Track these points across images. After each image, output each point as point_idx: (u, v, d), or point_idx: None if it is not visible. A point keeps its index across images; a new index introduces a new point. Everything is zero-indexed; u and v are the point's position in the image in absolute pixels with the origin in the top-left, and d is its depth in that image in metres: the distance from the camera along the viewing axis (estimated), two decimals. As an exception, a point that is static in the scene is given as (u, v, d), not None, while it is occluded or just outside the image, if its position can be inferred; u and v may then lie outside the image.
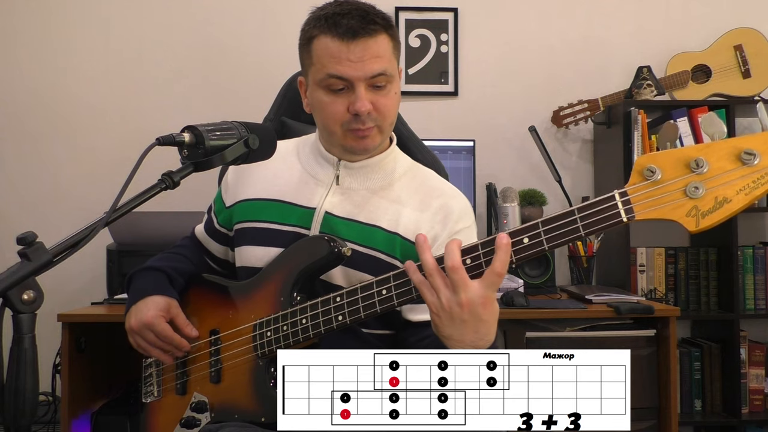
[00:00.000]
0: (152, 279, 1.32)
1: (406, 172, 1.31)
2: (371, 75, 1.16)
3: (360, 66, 1.15)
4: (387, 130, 1.24)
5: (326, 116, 1.21)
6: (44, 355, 1.84)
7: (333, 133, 1.22)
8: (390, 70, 1.19)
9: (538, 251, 0.96)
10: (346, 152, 1.25)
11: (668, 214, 0.89)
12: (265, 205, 1.29)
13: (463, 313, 0.94)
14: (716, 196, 0.87)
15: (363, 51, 1.15)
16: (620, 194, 0.92)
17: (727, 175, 0.87)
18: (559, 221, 0.95)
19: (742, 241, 2.54)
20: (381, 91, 1.19)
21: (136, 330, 1.26)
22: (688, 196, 0.88)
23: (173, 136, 0.97)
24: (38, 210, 2.70)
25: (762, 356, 2.56)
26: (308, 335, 1.14)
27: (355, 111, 1.16)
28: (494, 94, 2.80)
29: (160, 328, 1.24)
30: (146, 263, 1.37)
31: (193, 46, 2.77)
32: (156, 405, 1.35)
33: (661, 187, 0.89)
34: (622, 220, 0.92)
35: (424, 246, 0.97)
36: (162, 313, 1.25)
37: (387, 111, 1.20)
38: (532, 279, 2.39)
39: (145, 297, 1.28)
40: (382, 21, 1.19)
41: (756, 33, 2.71)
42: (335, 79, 1.17)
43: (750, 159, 0.86)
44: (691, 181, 0.88)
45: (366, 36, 1.15)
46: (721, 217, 0.87)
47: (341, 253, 1.15)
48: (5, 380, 0.81)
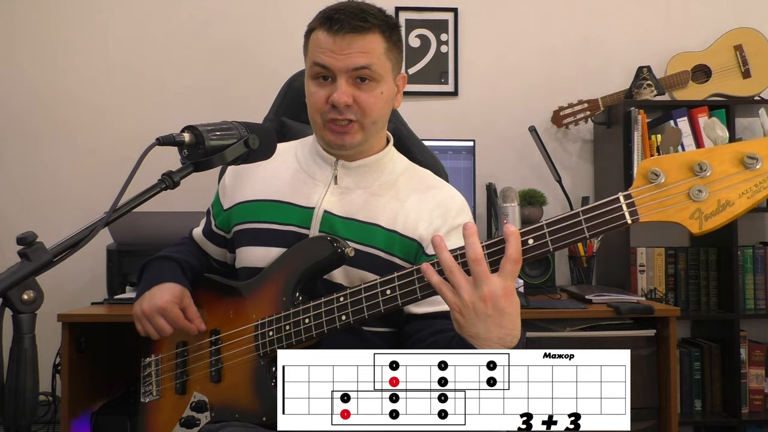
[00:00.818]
0: (168, 267, 1.33)
1: (403, 172, 1.32)
2: (353, 68, 1.18)
3: (342, 58, 1.18)
4: (370, 128, 1.24)
5: (310, 104, 1.25)
6: (44, 355, 1.84)
7: (315, 123, 1.25)
8: (377, 67, 1.20)
9: (543, 252, 0.97)
10: (329, 146, 1.27)
11: (672, 217, 0.90)
12: (264, 205, 1.29)
13: (487, 307, 0.93)
14: (719, 199, 0.88)
15: (349, 45, 1.18)
16: (625, 197, 0.93)
17: (730, 179, 0.88)
18: (563, 223, 0.96)
19: (742, 241, 2.54)
20: (364, 86, 1.20)
21: (147, 313, 1.26)
22: (692, 199, 0.89)
23: (173, 136, 0.98)
24: (38, 210, 2.70)
25: (762, 356, 2.56)
26: (311, 335, 1.14)
27: (333, 101, 1.19)
28: (494, 94, 2.80)
29: (173, 314, 1.24)
30: (160, 252, 1.38)
31: (194, 47, 2.77)
32: (155, 405, 1.35)
33: (665, 190, 0.91)
34: (627, 222, 0.93)
35: (442, 245, 0.95)
36: (176, 299, 1.26)
37: (368, 107, 1.21)
38: (532, 279, 2.39)
39: (160, 283, 1.28)
40: (378, 21, 1.20)
41: (756, 33, 2.71)
42: (318, 67, 1.20)
43: (753, 163, 0.87)
44: (694, 184, 0.89)
45: (354, 32, 1.18)
46: (723, 220, 0.89)
47: (344, 254, 1.15)
48: (5, 380, 0.81)
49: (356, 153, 1.28)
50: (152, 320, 1.26)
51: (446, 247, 0.96)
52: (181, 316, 1.25)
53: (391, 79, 1.25)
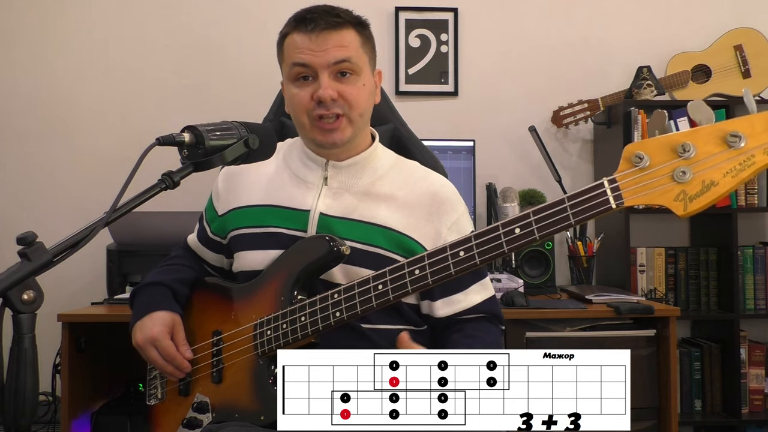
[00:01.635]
0: (157, 294, 1.32)
1: (392, 167, 1.33)
2: (333, 61, 1.20)
3: (322, 54, 1.20)
4: (357, 121, 1.25)
5: (294, 107, 1.25)
6: (44, 355, 1.84)
7: (302, 126, 1.25)
8: (356, 59, 1.22)
9: (530, 240, 0.98)
10: (319, 147, 1.27)
11: (656, 200, 0.90)
12: (259, 210, 1.29)
13: None
14: (703, 180, 0.88)
15: (325, 41, 1.20)
16: (609, 181, 0.93)
17: (714, 159, 0.88)
18: (549, 210, 0.96)
19: (742, 241, 2.54)
20: (346, 79, 1.22)
21: (142, 346, 1.27)
22: (676, 181, 0.89)
23: (173, 136, 0.98)
24: (38, 210, 2.70)
25: (762, 356, 2.55)
26: (307, 333, 1.14)
27: (318, 97, 1.20)
28: (494, 94, 2.80)
29: (163, 344, 1.25)
30: (148, 277, 1.36)
31: (193, 47, 2.77)
32: (159, 406, 1.36)
33: (649, 173, 0.90)
34: (611, 206, 0.93)
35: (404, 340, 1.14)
36: (167, 329, 1.26)
37: (353, 99, 1.22)
38: (532, 279, 2.39)
39: (150, 313, 1.28)
40: (349, 17, 1.24)
41: (756, 33, 2.71)
42: (299, 67, 1.22)
43: (736, 141, 0.87)
44: (678, 165, 0.89)
45: (329, 28, 1.20)
46: (708, 200, 0.88)
47: (340, 252, 1.16)
48: (5, 380, 0.81)
49: (345, 150, 1.28)
50: (147, 352, 1.27)
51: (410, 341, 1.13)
52: (172, 347, 1.26)
53: (370, 72, 1.28)
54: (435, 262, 1.06)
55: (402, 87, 2.78)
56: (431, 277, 1.06)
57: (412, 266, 1.08)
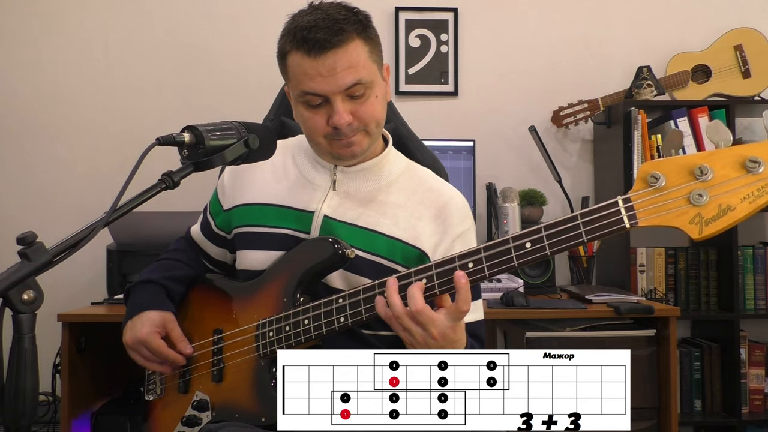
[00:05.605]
0: (148, 293, 1.31)
1: (402, 173, 1.31)
2: (345, 87, 1.14)
3: (332, 80, 1.13)
4: (374, 131, 1.22)
5: (308, 130, 1.22)
6: (44, 355, 1.84)
7: (318, 144, 1.22)
8: (367, 76, 1.16)
9: (541, 256, 0.97)
10: (335, 159, 1.25)
11: (671, 221, 0.89)
12: (264, 209, 1.28)
13: (438, 342, 1.03)
14: (720, 204, 0.86)
15: (334, 63, 1.13)
16: (623, 200, 0.92)
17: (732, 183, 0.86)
18: (561, 226, 0.95)
19: (742, 241, 2.54)
20: (359, 100, 1.17)
21: (131, 346, 1.26)
22: (692, 204, 0.87)
23: (173, 136, 0.97)
24: (38, 210, 2.70)
25: (762, 356, 2.55)
26: (310, 336, 1.14)
27: (334, 125, 1.16)
28: (494, 94, 2.80)
29: (154, 345, 1.24)
30: (142, 275, 1.36)
31: (193, 47, 2.77)
32: (158, 403, 1.35)
33: (665, 194, 0.89)
34: (625, 226, 0.92)
35: (393, 287, 1.04)
36: (156, 329, 1.26)
37: (368, 117, 1.19)
38: (532, 279, 2.39)
39: (141, 312, 1.27)
40: (354, 26, 1.15)
41: (756, 33, 2.71)
42: (311, 96, 1.16)
43: (755, 167, 0.85)
44: (694, 188, 0.87)
45: (335, 47, 1.12)
46: (724, 225, 0.87)
47: (345, 255, 1.15)
48: (5, 380, 0.81)
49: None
50: (138, 352, 1.27)
51: (397, 291, 1.04)
52: (163, 346, 1.25)
53: (380, 77, 1.22)
54: (443, 273, 1.04)
55: (402, 87, 2.78)
56: (438, 288, 1.04)
57: (419, 275, 1.06)
